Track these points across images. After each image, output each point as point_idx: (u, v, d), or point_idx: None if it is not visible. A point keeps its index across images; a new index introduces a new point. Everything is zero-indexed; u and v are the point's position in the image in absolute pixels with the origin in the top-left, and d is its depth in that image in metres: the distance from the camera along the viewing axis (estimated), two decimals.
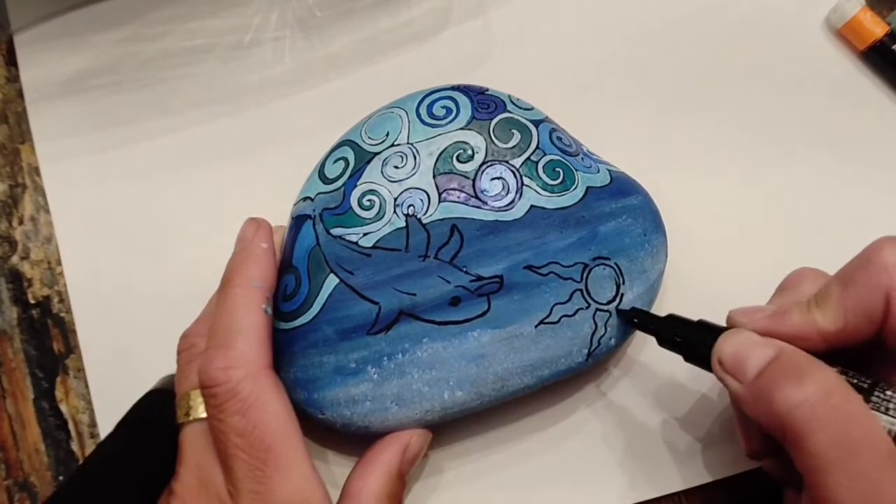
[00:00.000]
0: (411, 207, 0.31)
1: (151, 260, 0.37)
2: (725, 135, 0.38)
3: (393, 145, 0.32)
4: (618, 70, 0.39)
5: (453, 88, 0.33)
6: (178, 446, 0.29)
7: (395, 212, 0.31)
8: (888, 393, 0.24)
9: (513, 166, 0.32)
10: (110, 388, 0.36)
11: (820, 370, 0.24)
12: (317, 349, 0.30)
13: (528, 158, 0.32)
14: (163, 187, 0.38)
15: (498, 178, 0.31)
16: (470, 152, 0.32)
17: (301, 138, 0.37)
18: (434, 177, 0.31)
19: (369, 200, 0.31)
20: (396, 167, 0.32)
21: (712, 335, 0.27)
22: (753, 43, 0.39)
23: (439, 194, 0.31)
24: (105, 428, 0.35)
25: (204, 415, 0.28)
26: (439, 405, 0.30)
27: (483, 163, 0.31)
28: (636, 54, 0.39)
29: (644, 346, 0.35)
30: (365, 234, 0.31)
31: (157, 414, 0.31)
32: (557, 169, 0.32)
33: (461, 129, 0.32)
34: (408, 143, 0.32)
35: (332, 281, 0.31)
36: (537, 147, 0.32)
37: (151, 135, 0.39)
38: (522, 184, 0.31)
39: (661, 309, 0.32)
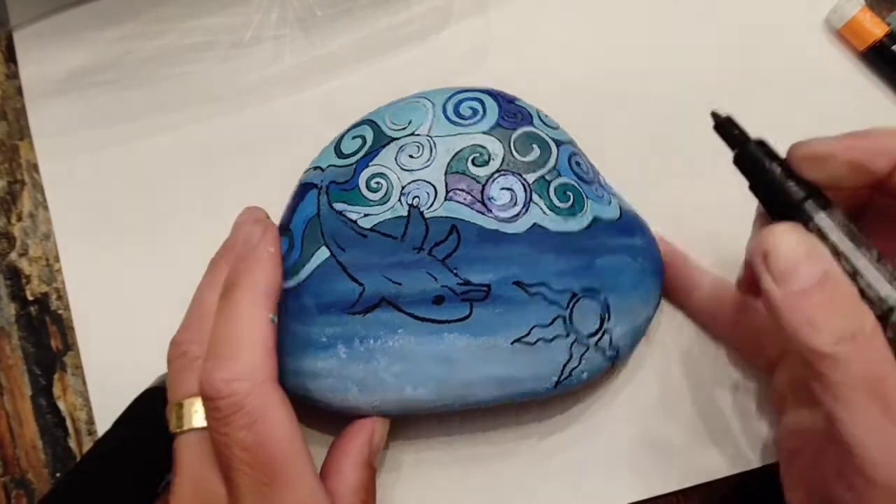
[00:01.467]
0: (416, 199, 0.31)
1: (150, 258, 0.37)
2: None
3: (413, 134, 0.32)
4: (617, 70, 0.39)
5: (485, 91, 0.33)
6: (173, 457, 0.28)
7: (399, 199, 0.31)
8: None
9: (525, 180, 0.31)
10: (108, 385, 0.36)
11: (862, 311, 0.24)
12: (293, 317, 0.30)
13: (542, 177, 0.31)
14: (162, 185, 0.38)
15: (508, 189, 0.31)
16: (486, 157, 0.31)
17: (301, 137, 0.37)
18: (445, 174, 0.31)
19: (377, 183, 0.31)
20: (411, 156, 0.31)
21: (790, 185, 0.26)
22: (753, 43, 0.39)
23: (447, 192, 0.31)
24: (103, 425, 0.35)
25: (199, 424, 0.27)
26: (399, 398, 0.30)
27: (497, 171, 0.31)
28: (635, 54, 0.39)
29: (637, 349, 0.35)
30: (365, 215, 0.31)
31: (154, 412, 0.30)
32: (568, 193, 0.32)
33: (483, 133, 0.32)
34: (428, 135, 0.32)
35: (323, 253, 0.31)
36: (554, 167, 0.32)
37: (150, 132, 0.38)
38: (531, 200, 0.31)
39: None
